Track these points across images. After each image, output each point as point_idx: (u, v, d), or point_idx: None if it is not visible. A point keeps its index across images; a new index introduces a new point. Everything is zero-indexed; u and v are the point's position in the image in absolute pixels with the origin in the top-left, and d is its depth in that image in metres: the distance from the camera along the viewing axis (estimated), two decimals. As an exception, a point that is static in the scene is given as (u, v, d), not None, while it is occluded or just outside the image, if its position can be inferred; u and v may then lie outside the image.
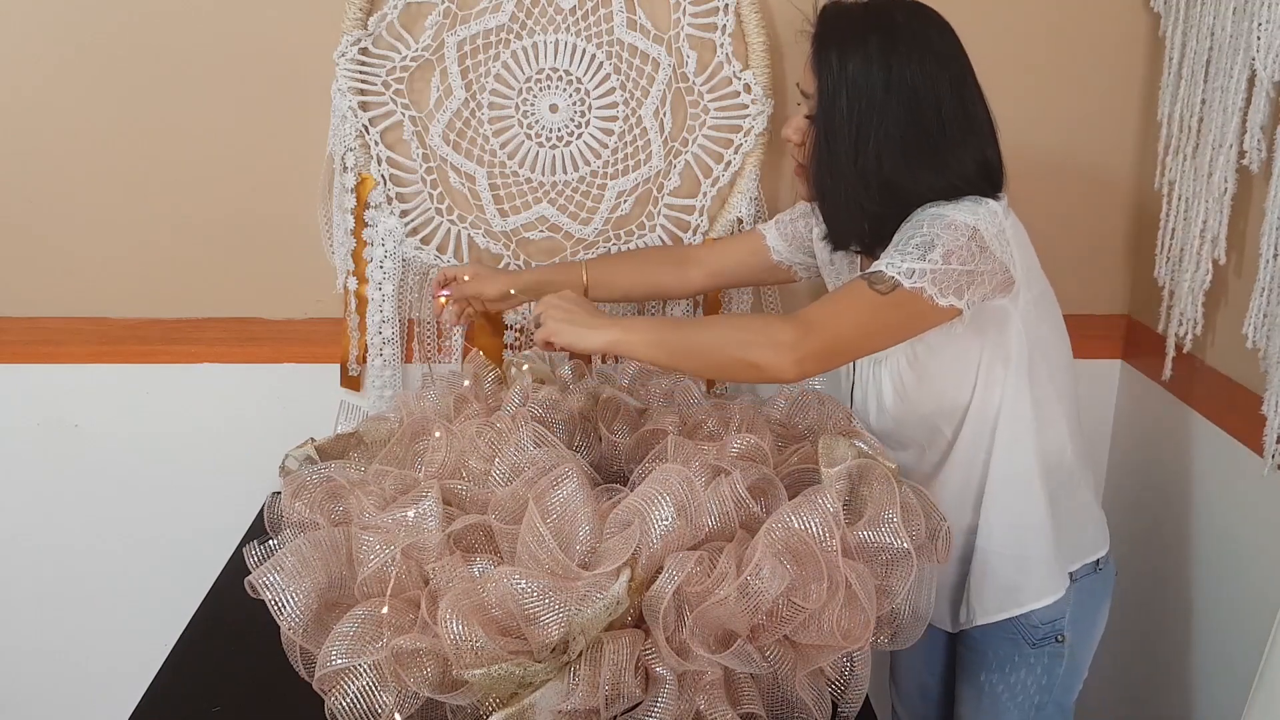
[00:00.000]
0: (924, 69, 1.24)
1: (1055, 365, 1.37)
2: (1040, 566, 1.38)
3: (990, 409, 1.35)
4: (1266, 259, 1.43)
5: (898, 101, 1.24)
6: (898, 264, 1.20)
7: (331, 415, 1.64)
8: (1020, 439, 1.35)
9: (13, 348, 1.78)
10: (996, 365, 1.32)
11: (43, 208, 1.72)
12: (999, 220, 1.24)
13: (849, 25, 1.28)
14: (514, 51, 1.67)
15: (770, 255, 1.59)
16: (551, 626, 0.99)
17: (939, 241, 1.20)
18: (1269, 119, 1.45)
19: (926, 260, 1.19)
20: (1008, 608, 1.39)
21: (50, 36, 1.63)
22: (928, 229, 1.22)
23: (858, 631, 1.08)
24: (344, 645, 1.02)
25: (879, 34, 1.25)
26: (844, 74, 1.25)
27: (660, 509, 1.08)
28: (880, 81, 1.24)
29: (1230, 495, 1.61)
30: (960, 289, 1.20)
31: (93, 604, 1.93)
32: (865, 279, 1.22)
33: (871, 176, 1.27)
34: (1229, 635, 1.62)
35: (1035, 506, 1.37)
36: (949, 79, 1.26)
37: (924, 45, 1.26)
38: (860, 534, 1.14)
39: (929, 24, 1.28)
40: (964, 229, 1.21)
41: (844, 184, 1.29)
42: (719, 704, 1.04)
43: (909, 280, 1.19)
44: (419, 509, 1.16)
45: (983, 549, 1.39)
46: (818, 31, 1.30)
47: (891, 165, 1.26)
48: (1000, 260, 1.23)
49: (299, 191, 1.72)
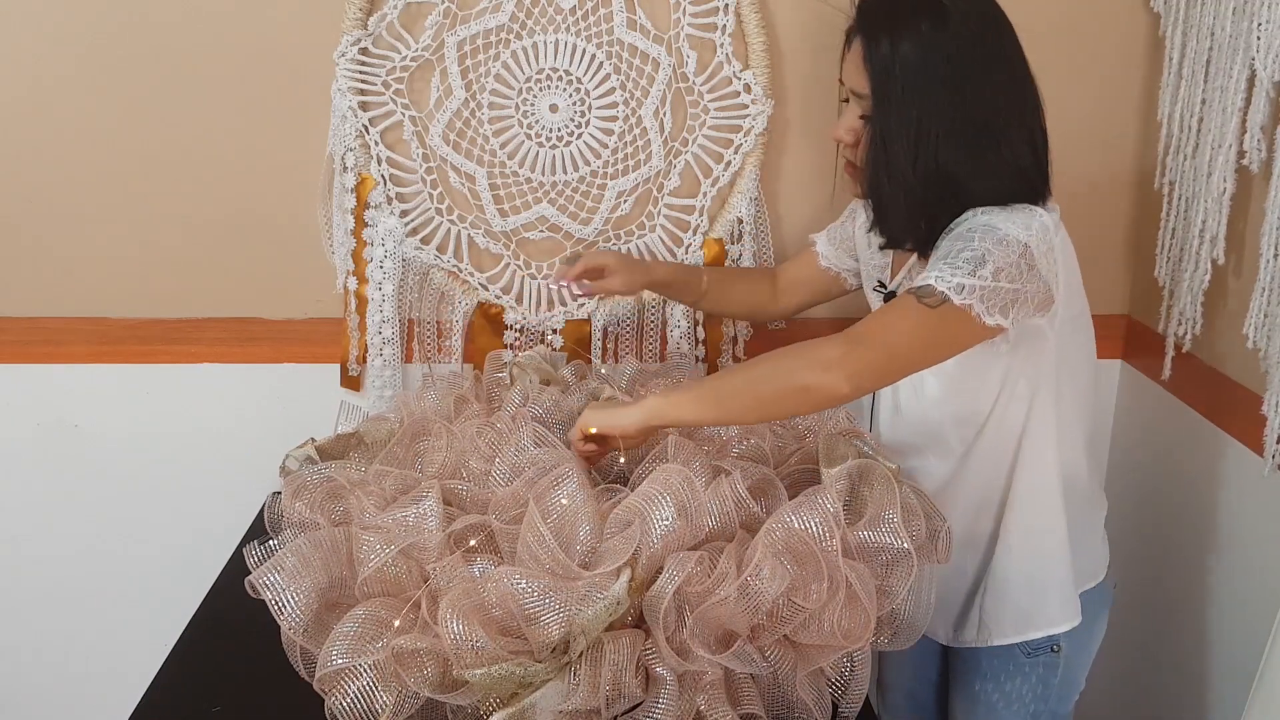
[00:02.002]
0: (980, 56, 1.20)
1: (1081, 386, 1.35)
2: (1057, 592, 1.36)
3: (1010, 425, 1.32)
4: (1266, 259, 1.43)
5: (956, 96, 1.20)
6: (947, 278, 1.15)
7: (331, 415, 1.64)
8: (1044, 459, 1.32)
9: (13, 348, 1.78)
10: (1021, 382, 1.30)
11: (43, 208, 1.72)
12: (1049, 237, 1.20)
13: (896, 15, 1.22)
14: (514, 51, 1.66)
15: (819, 261, 1.57)
16: (552, 626, 0.99)
17: (990, 257, 1.15)
18: (1269, 119, 1.45)
19: (977, 276, 1.14)
20: (1023, 630, 1.37)
21: (50, 37, 1.63)
22: (979, 243, 1.17)
23: (858, 631, 1.08)
24: (344, 645, 1.02)
25: (930, 21, 1.20)
26: (899, 72, 1.21)
27: (661, 509, 1.08)
28: (938, 77, 1.20)
29: (1230, 495, 1.61)
30: (1006, 307, 1.16)
31: (93, 604, 1.93)
32: (913, 293, 1.17)
33: (930, 176, 1.23)
34: (1229, 635, 1.62)
35: (1056, 529, 1.34)
36: (1005, 63, 1.22)
37: (977, 29, 1.21)
38: (860, 534, 1.14)
39: (978, 6, 1.23)
40: (1015, 245, 1.17)
41: (901, 185, 1.24)
42: (719, 704, 1.04)
43: (959, 296, 1.14)
44: (419, 509, 1.16)
45: (1000, 570, 1.37)
46: (863, 26, 1.25)
47: (950, 163, 1.22)
48: (1045, 280, 1.19)
49: (299, 191, 1.72)
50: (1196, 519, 1.69)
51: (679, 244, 1.77)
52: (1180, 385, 1.72)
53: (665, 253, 1.77)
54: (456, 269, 1.77)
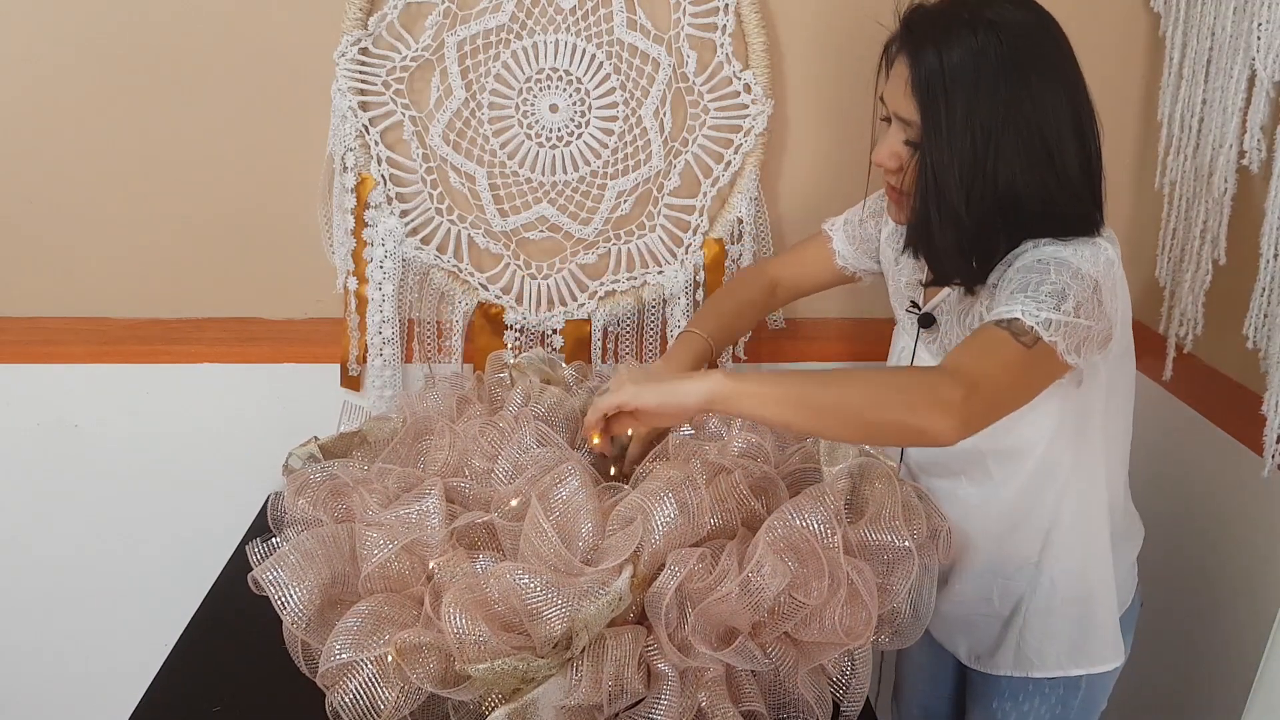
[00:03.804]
0: (1043, 87, 1.13)
1: (1125, 420, 1.32)
2: (1105, 629, 1.34)
3: (1057, 459, 1.27)
4: (1266, 259, 1.43)
5: (1013, 110, 1.12)
6: (1034, 313, 1.08)
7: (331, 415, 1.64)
8: (1093, 494, 1.30)
9: (13, 348, 1.78)
10: (1071, 419, 1.25)
11: (43, 208, 1.71)
12: (1114, 271, 1.16)
13: (944, 28, 1.14)
14: (514, 51, 1.67)
15: (834, 260, 1.51)
16: (554, 621, 0.99)
17: (1070, 292, 1.09)
18: (1269, 119, 1.45)
19: (1061, 311, 1.08)
20: (1067, 667, 1.35)
21: (50, 37, 1.63)
22: (1056, 276, 1.10)
23: (859, 629, 1.09)
24: (348, 640, 1.02)
25: (981, 32, 1.12)
26: (949, 87, 1.13)
27: (663, 506, 1.08)
28: (992, 89, 1.12)
29: (1230, 495, 1.61)
30: (1080, 345, 1.10)
31: (93, 604, 1.93)
32: (1006, 329, 1.09)
33: (984, 209, 1.16)
34: (1229, 635, 1.62)
35: (1103, 563, 1.32)
36: (1061, 75, 1.15)
37: (1037, 46, 1.14)
38: (862, 532, 1.14)
39: (1033, 18, 1.16)
40: (1089, 281, 1.11)
41: (953, 220, 1.17)
42: (721, 701, 1.04)
43: (1047, 333, 1.08)
44: (422, 506, 1.16)
45: (1043, 603, 1.33)
46: (908, 41, 1.16)
47: (1007, 186, 1.15)
48: (1109, 317, 1.14)
49: (299, 191, 1.72)
50: (1196, 519, 1.69)
51: (679, 244, 1.77)
52: (1181, 385, 1.72)
53: (665, 253, 1.77)
54: (456, 269, 1.77)
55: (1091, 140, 1.18)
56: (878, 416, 1.06)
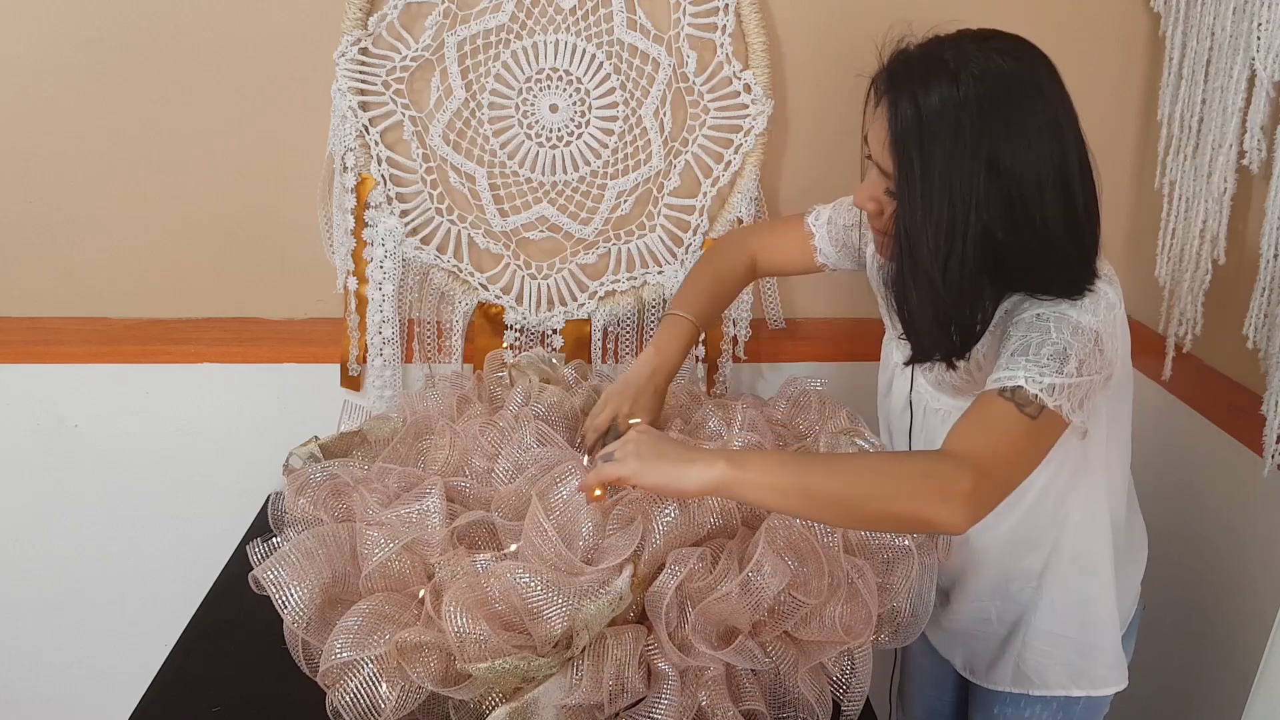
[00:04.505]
0: (1026, 144, 1.07)
1: (1126, 439, 1.31)
2: (1107, 653, 1.33)
3: (1060, 483, 1.26)
4: (1266, 259, 1.43)
5: (995, 193, 1.07)
6: (1037, 379, 1.05)
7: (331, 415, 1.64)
8: (1094, 519, 1.28)
9: (13, 348, 1.78)
10: (1073, 453, 1.23)
11: (43, 208, 1.72)
12: (1115, 315, 1.13)
13: (931, 89, 1.07)
14: (514, 51, 1.67)
15: (815, 257, 1.47)
16: (555, 620, 0.99)
17: (1072, 351, 1.07)
18: (1269, 119, 1.45)
19: (1063, 374, 1.06)
20: (1068, 687, 1.34)
21: (50, 37, 1.63)
22: (1056, 335, 1.08)
23: (859, 627, 1.09)
24: (349, 638, 1.02)
25: (973, 101, 1.06)
26: (931, 162, 1.07)
27: (663, 506, 1.09)
28: (979, 171, 1.06)
29: (1230, 495, 1.61)
30: (1084, 401, 1.08)
31: (93, 604, 1.93)
32: (1010, 399, 1.06)
33: (962, 279, 1.10)
34: (1229, 635, 1.62)
35: (1105, 586, 1.31)
36: (1054, 148, 1.08)
37: (1023, 109, 1.07)
38: (861, 532, 1.14)
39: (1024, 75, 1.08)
40: (1090, 334, 1.09)
41: (929, 290, 1.11)
42: (721, 700, 1.04)
43: (1051, 399, 1.05)
44: (423, 505, 1.16)
45: (1044, 624, 1.32)
46: (892, 96, 1.10)
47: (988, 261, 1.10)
48: (1110, 359, 1.11)
49: (299, 191, 1.72)
50: (1196, 519, 1.69)
51: (679, 244, 1.77)
52: (1180, 386, 1.72)
53: (665, 253, 1.77)
54: (456, 269, 1.77)
55: (1080, 195, 1.11)
56: (882, 509, 1.02)
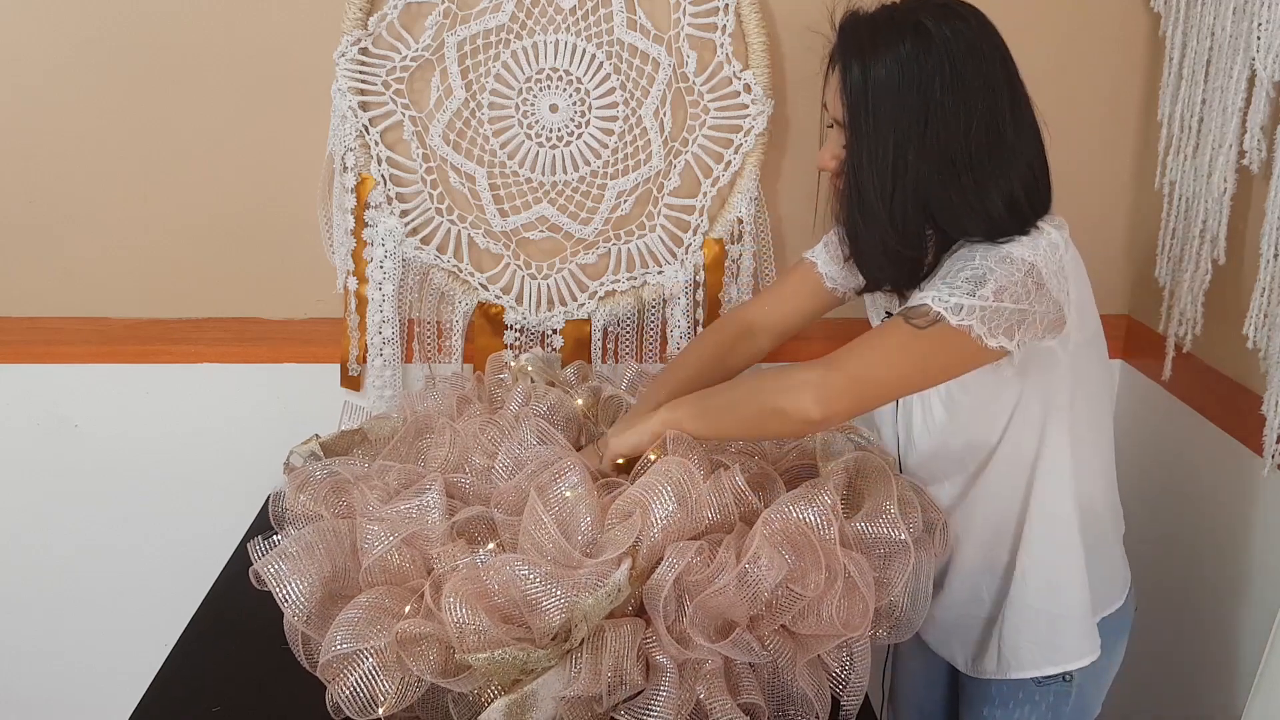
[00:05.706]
0: (964, 89, 1.14)
1: (1097, 411, 1.31)
2: (1075, 624, 1.32)
3: (1023, 453, 1.27)
4: (1266, 259, 1.43)
5: (935, 127, 1.14)
6: (944, 298, 1.12)
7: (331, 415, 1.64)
8: (1059, 486, 1.28)
9: (13, 348, 1.78)
10: (1034, 407, 1.25)
11: (44, 208, 1.72)
12: (1059, 255, 1.16)
13: (873, 40, 1.16)
14: (514, 51, 1.67)
15: (824, 283, 1.46)
16: (553, 612, 0.99)
17: (991, 276, 1.12)
18: (1269, 119, 1.45)
19: (976, 296, 1.11)
20: (1040, 665, 1.34)
21: (50, 36, 1.63)
22: (980, 261, 1.14)
23: (857, 621, 1.09)
24: (349, 631, 1.02)
25: (909, 46, 1.14)
26: (872, 100, 1.16)
27: (661, 500, 1.09)
28: (914, 106, 1.14)
29: (1230, 495, 1.61)
30: (1011, 329, 1.11)
31: (93, 604, 1.93)
32: (903, 314, 1.13)
33: (905, 214, 1.18)
34: (1229, 635, 1.62)
35: (1073, 559, 1.30)
36: (992, 91, 1.15)
37: (963, 59, 1.14)
38: (858, 525, 1.15)
39: (965, 30, 1.16)
40: (1020, 264, 1.13)
41: (875, 224, 1.20)
42: (719, 694, 1.04)
43: (956, 317, 1.10)
44: (422, 500, 1.16)
45: (1017, 601, 1.33)
46: (840, 50, 1.20)
47: (928, 200, 1.17)
48: (1056, 299, 1.15)
49: (299, 191, 1.72)
50: (1196, 519, 1.69)
51: (679, 244, 1.78)
52: (1180, 385, 1.72)
53: (665, 253, 1.77)
54: (456, 269, 1.77)
55: (1031, 151, 1.20)
56: (751, 407, 1.17)
